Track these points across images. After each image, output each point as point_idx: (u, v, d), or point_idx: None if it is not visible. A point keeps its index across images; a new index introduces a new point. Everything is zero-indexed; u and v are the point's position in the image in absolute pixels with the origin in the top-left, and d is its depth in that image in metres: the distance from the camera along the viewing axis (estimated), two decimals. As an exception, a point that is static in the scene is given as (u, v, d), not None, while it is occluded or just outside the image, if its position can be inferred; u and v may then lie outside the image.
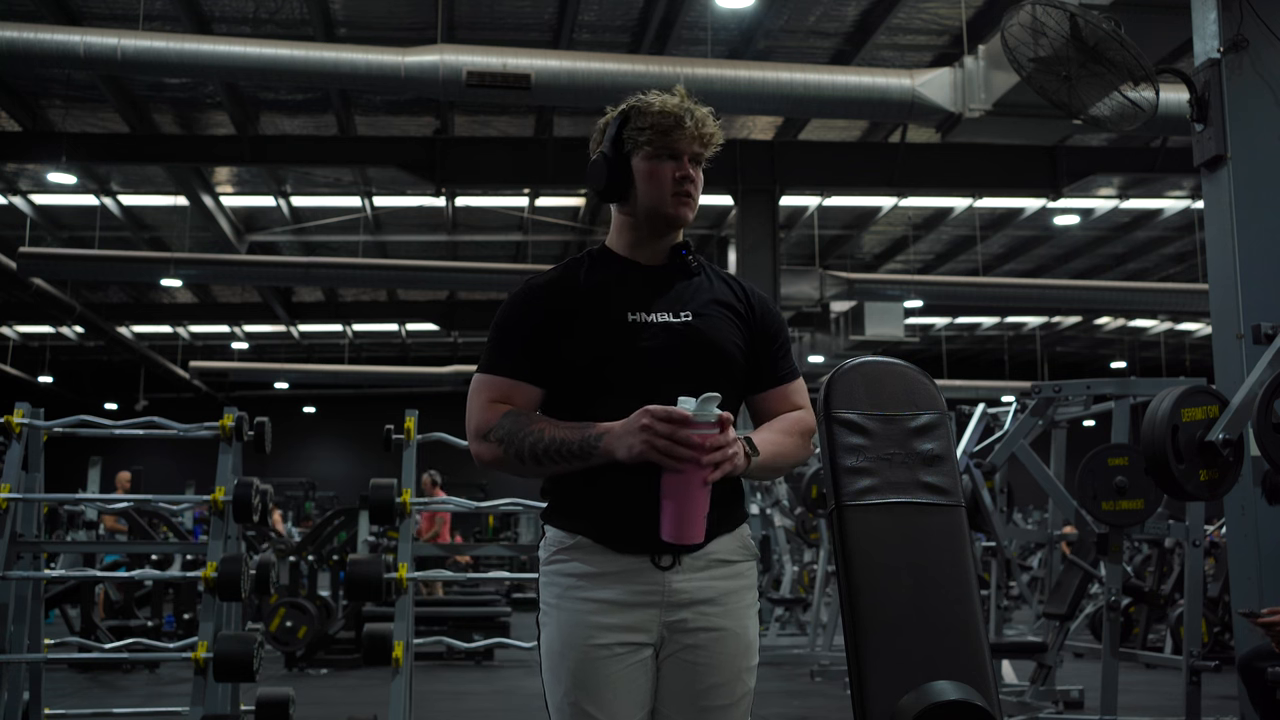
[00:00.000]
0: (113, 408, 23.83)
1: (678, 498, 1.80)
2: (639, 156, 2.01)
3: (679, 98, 2.02)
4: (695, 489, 1.79)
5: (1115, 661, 5.14)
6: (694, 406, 1.77)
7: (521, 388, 1.97)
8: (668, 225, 2.04)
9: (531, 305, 2.00)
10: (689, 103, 2.02)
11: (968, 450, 6.03)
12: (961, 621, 1.98)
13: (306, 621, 7.97)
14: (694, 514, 1.81)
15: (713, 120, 2.03)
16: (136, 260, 13.63)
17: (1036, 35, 4.88)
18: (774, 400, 2.09)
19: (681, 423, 1.77)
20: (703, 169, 2.06)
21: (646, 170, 2.00)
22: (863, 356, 2.30)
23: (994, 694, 1.93)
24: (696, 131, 2.00)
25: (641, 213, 2.04)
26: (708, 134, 2.01)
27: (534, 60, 8.06)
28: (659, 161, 2.00)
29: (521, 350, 1.98)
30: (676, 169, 2.00)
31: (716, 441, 1.78)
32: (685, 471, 1.78)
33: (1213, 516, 7.67)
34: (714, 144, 2.04)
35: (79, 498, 6.78)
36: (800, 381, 2.13)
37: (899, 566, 2.00)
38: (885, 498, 2.03)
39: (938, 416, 2.11)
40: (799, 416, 2.08)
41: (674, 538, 1.82)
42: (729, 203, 12.56)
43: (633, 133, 2.01)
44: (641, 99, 2.03)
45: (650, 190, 2.01)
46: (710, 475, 1.79)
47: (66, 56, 7.78)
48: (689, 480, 1.78)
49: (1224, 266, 4.64)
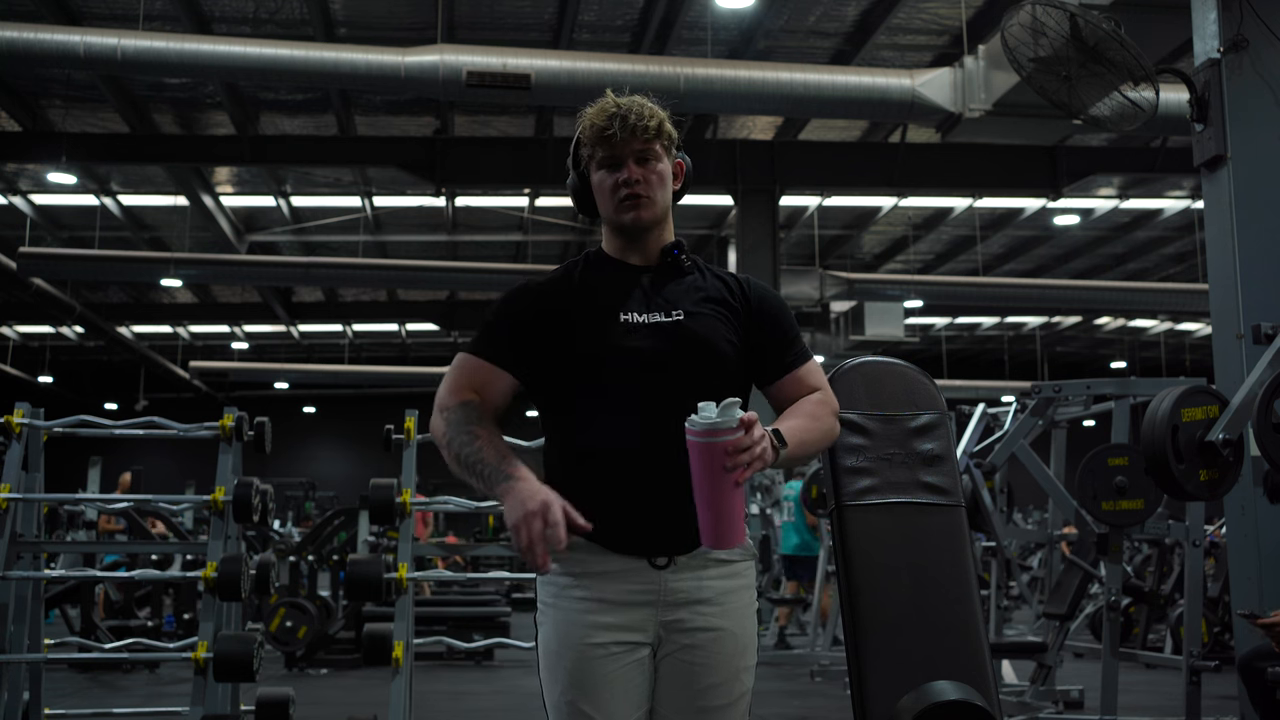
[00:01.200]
0: (113, 408, 23.82)
1: (713, 503, 1.80)
2: (591, 171, 2.03)
3: (609, 101, 1.99)
4: (728, 492, 1.80)
5: (1115, 661, 5.14)
6: (715, 414, 1.78)
7: (497, 373, 1.98)
8: (628, 232, 2.03)
9: (526, 301, 2.02)
10: (620, 102, 1.99)
11: (968, 450, 6.03)
12: (961, 621, 1.98)
13: (306, 621, 7.97)
14: (732, 516, 1.82)
15: (651, 108, 2.00)
16: (136, 260, 13.63)
17: (1036, 35, 4.88)
18: (788, 386, 2.05)
19: (554, 525, 1.76)
20: (671, 156, 2.03)
21: (595, 183, 2.02)
22: (863, 357, 2.30)
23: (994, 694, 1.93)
24: (630, 131, 1.96)
25: (606, 223, 2.06)
26: (644, 127, 1.97)
27: (534, 60, 8.06)
28: (603, 173, 2.00)
29: (506, 339, 1.99)
30: (616, 176, 1.99)
31: (740, 444, 1.77)
32: (713, 477, 1.78)
33: (1213, 516, 7.67)
34: (662, 133, 2.00)
35: (79, 498, 6.78)
36: (814, 364, 2.09)
37: (899, 566, 2.00)
38: (885, 498, 2.04)
39: (938, 416, 2.11)
40: (819, 398, 2.03)
41: (714, 543, 1.83)
42: (729, 203, 12.56)
43: (581, 149, 2.03)
44: (583, 113, 2.02)
45: (602, 203, 2.02)
46: (740, 476, 1.78)
47: (66, 56, 7.78)
48: (722, 484, 1.79)
49: (1224, 266, 4.64)
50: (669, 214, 2.07)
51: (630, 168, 1.98)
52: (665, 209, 2.04)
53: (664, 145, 2.01)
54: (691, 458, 1.79)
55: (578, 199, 2.09)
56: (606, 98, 2.01)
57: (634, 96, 2.01)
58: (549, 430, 2.04)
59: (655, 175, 2.00)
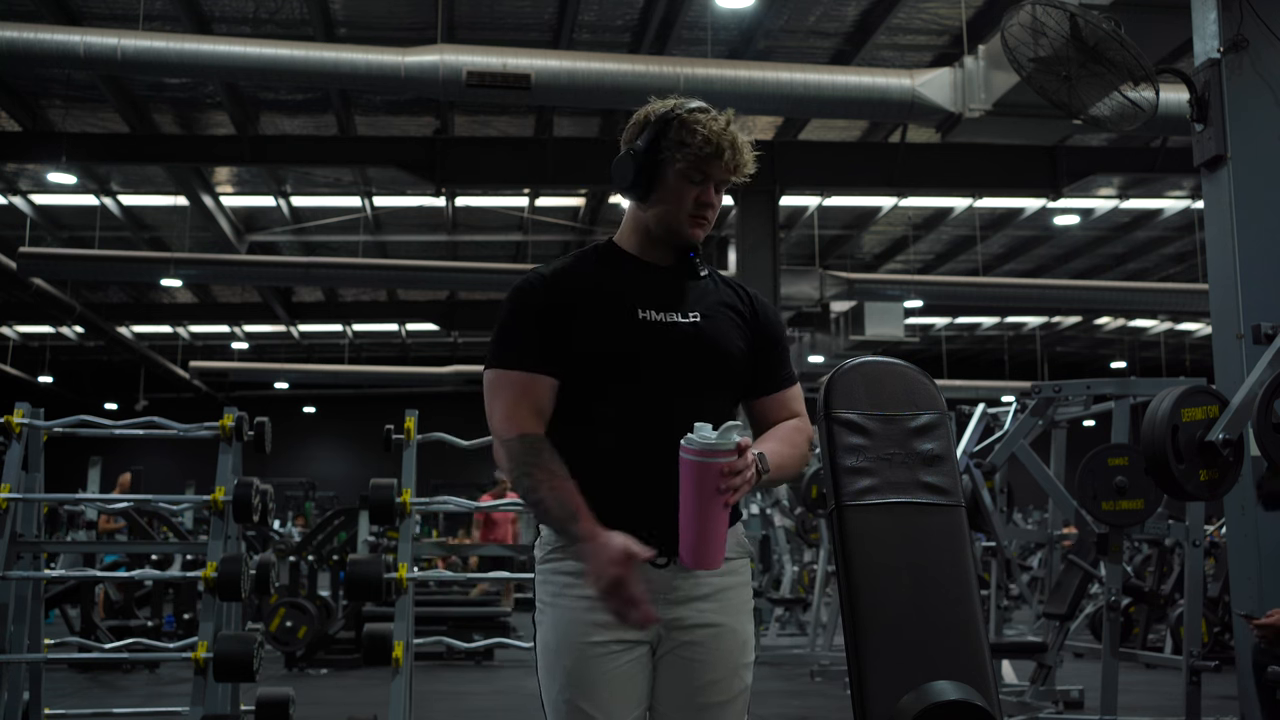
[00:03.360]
0: (113, 408, 23.81)
1: (699, 523, 1.81)
2: (670, 169, 2.01)
3: (724, 124, 2.01)
4: (716, 513, 1.81)
5: (1115, 661, 5.14)
6: (715, 436, 1.78)
7: (538, 380, 1.97)
8: (679, 241, 2.06)
9: (539, 295, 2.01)
10: (733, 131, 2.01)
11: (968, 450, 6.03)
12: (961, 621, 1.98)
13: (306, 621, 7.97)
14: (715, 538, 1.83)
15: (750, 150, 2.04)
16: (136, 260, 13.63)
17: (1036, 35, 4.88)
18: (773, 407, 2.11)
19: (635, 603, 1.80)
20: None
21: (674, 186, 2.01)
22: (863, 356, 2.30)
23: (994, 694, 1.93)
24: (733, 163, 2.01)
25: (655, 221, 2.05)
26: (742, 164, 2.03)
27: (534, 60, 8.05)
28: (688, 182, 2.01)
29: (535, 341, 1.98)
30: (701, 193, 2.02)
31: (736, 467, 1.79)
32: (704, 498, 1.79)
33: (1213, 516, 7.67)
34: (744, 174, 2.05)
35: (79, 498, 6.78)
36: (798, 388, 2.15)
37: (899, 566, 2.00)
38: (885, 498, 2.03)
39: (938, 416, 2.11)
40: (797, 425, 2.10)
41: (695, 563, 1.84)
42: (729, 203, 12.56)
43: (671, 144, 2.00)
44: (690, 113, 2.01)
45: (671, 205, 2.02)
46: (730, 499, 1.81)
47: (66, 56, 7.77)
48: (710, 506, 1.80)
49: (1224, 266, 4.64)
50: None
51: (712, 192, 2.03)
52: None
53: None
54: (683, 477, 1.80)
55: (635, 175, 2.01)
56: (714, 114, 2.02)
57: (733, 123, 2.02)
58: (554, 423, 2.03)
59: (720, 204, 2.08)
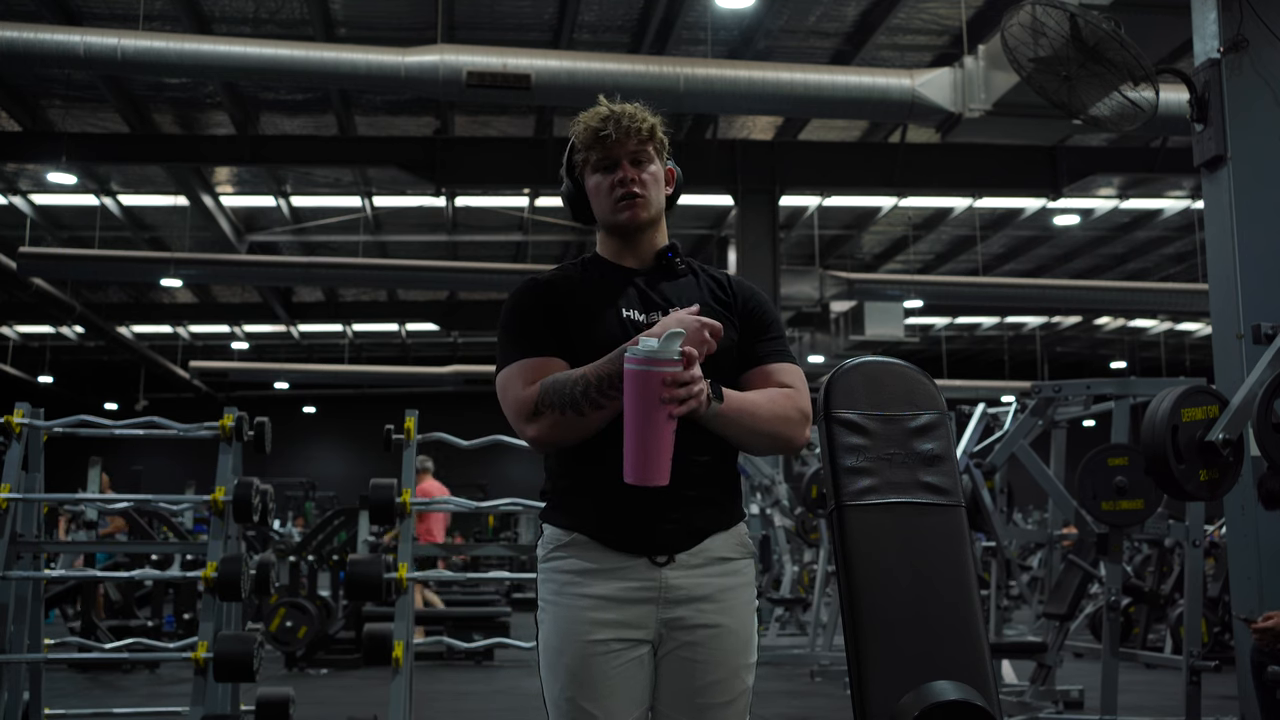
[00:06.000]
0: (113, 408, 23.82)
1: (642, 436, 1.76)
2: (584, 177, 2.06)
3: (603, 106, 2.04)
4: (660, 426, 1.75)
5: (1115, 661, 5.14)
6: (657, 344, 1.74)
7: (552, 362, 1.97)
8: (624, 232, 2.06)
9: (538, 296, 2.04)
10: (613, 107, 2.03)
11: (968, 450, 6.04)
12: (961, 622, 1.98)
13: (306, 621, 7.97)
14: (659, 453, 1.77)
15: (644, 113, 2.04)
16: (136, 260, 13.64)
17: (1036, 35, 4.88)
18: (754, 378, 2.03)
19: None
20: (663, 161, 2.07)
21: (591, 187, 2.05)
22: (863, 356, 2.30)
23: (994, 694, 1.93)
24: (625, 132, 2.01)
25: (602, 225, 2.08)
26: (639, 128, 2.02)
27: (534, 60, 8.05)
28: (599, 175, 2.03)
29: (539, 333, 1.99)
30: (612, 177, 2.02)
31: (681, 378, 1.76)
32: (647, 408, 1.74)
33: (1213, 516, 7.67)
34: (655, 136, 2.04)
35: (79, 498, 6.75)
36: (791, 366, 2.06)
37: (899, 566, 2.00)
38: (885, 498, 2.03)
39: (938, 416, 2.11)
40: (784, 391, 2.00)
41: (637, 479, 1.78)
42: (729, 203, 12.56)
43: (575, 155, 2.07)
44: (576, 122, 2.06)
45: (597, 205, 2.05)
46: (675, 410, 1.76)
47: (66, 56, 7.78)
48: (655, 416, 1.74)
49: (1224, 266, 4.64)
50: (663, 217, 2.10)
51: (625, 168, 2.02)
52: (659, 210, 2.07)
53: (656, 149, 2.06)
54: (626, 387, 1.76)
55: (573, 205, 2.12)
56: (599, 104, 2.05)
57: (626, 103, 2.06)
58: None
59: (649, 176, 2.04)
